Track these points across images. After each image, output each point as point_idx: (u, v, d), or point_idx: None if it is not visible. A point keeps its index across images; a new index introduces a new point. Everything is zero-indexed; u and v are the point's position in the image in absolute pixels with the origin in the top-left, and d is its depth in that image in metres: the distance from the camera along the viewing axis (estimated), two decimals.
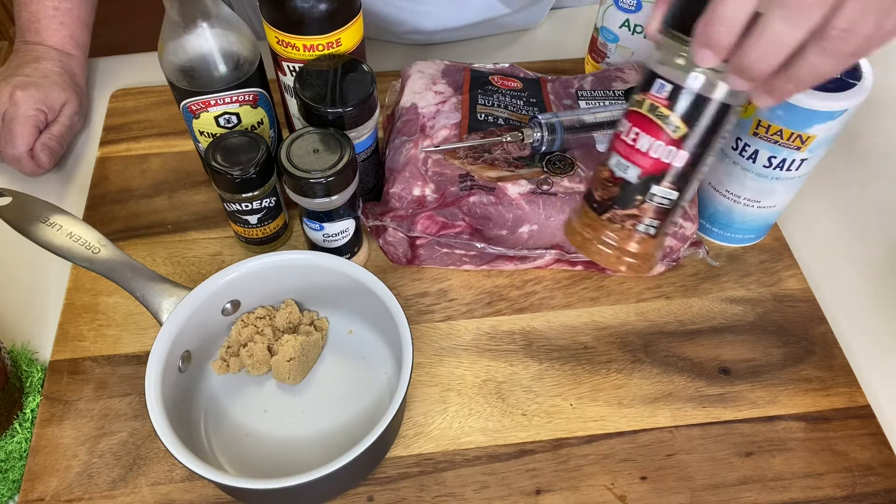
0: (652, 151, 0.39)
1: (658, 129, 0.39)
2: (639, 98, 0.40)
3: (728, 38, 0.33)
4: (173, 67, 0.52)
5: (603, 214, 0.42)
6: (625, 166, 0.40)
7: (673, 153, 0.39)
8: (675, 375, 0.54)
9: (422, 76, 0.62)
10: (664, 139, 0.39)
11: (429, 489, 0.49)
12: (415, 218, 0.55)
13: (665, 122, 0.38)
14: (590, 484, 0.49)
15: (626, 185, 0.41)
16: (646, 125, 0.39)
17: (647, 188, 0.41)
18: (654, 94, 0.39)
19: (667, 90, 0.38)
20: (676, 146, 0.39)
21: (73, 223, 0.50)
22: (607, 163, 0.42)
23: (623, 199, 0.41)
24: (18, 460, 0.50)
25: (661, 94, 0.38)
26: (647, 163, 0.40)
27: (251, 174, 0.52)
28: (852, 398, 0.54)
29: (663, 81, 0.38)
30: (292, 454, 0.49)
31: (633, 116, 0.40)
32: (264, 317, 0.53)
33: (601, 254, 0.43)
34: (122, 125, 0.70)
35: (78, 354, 0.55)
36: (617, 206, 0.42)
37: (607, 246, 0.43)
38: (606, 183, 0.42)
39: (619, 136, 0.41)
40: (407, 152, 0.57)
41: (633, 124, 0.40)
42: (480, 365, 0.55)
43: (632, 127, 0.40)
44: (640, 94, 0.40)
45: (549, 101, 0.61)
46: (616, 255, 0.43)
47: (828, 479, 0.50)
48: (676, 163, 0.39)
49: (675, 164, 0.39)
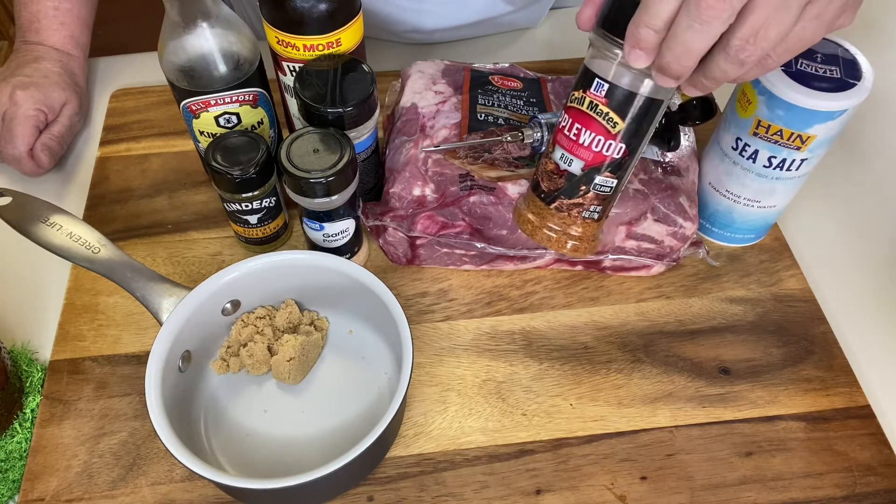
0: (593, 145, 0.43)
1: (598, 125, 0.42)
2: (578, 95, 0.43)
3: (653, 40, 0.37)
4: (173, 67, 0.52)
5: (551, 204, 0.46)
6: (569, 159, 0.44)
7: (612, 146, 0.42)
8: (675, 375, 0.54)
9: (422, 76, 0.62)
10: (604, 134, 0.42)
11: (429, 489, 0.49)
12: (415, 218, 0.55)
13: (604, 118, 0.42)
14: (590, 484, 0.49)
15: (571, 177, 0.44)
16: (586, 121, 0.42)
17: (590, 179, 0.44)
18: (593, 93, 0.42)
19: (604, 88, 0.41)
20: (614, 140, 0.42)
21: (73, 223, 0.50)
22: (551, 156, 0.45)
23: (568, 190, 0.45)
24: (18, 460, 0.50)
25: (599, 93, 0.41)
26: (589, 156, 0.43)
27: (251, 174, 0.52)
28: (852, 398, 0.54)
29: (601, 80, 0.41)
30: (292, 454, 0.49)
31: (574, 112, 0.43)
32: (264, 317, 0.53)
33: (550, 239, 0.47)
34: (122, 125, 0.70)
35: (78, 354, 0.55)
36: (563, 196, 0.45)
37: (555, 232, 0.47)
38: (552, 175, 0.45)
39: (561, 130, 0.44)
40: (407, 152, 0.57)
41: (574, 120, 0.43)
42: (480, 365, 0.55)
43: (573, 122, 0.43)
44: (579, 91, 0.43)
45: (549, 101, 0.61)
46: (563, 240, 0.47)
47: (828, 479, 0.50)
48: (615, 154, 0.43)
49: (615, 155, 0.43)
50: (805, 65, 0.50)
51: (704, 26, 0.35)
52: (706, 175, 0.59)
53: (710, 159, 0.59)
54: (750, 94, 0.52)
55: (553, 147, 0.45)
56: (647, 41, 0.37)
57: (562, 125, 0.44)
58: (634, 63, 0.38)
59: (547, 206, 0.47)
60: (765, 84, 0.50)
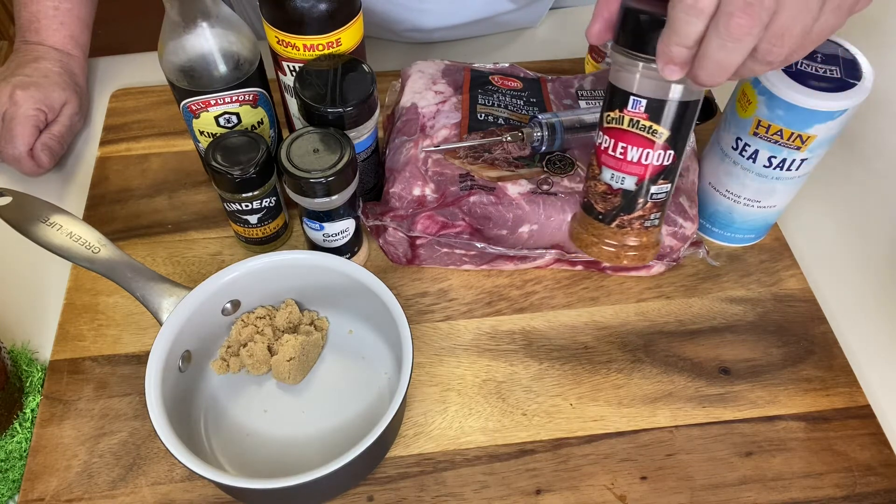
0: (643, 160, 0.43)
1: (643, 139, 0.42)
2: (615, 115, 0.43)
3: (686, 56, 0.37)
4: (173, 67, 0.52)
5: (612, 223, 0.46)
6: (620, 178, 0.44)
7: (661, 155, 0.43)
8: (675, 375, 0.54)
9: (422, 76, 0.62)
10: (650, 146, 0.42)
11: (429, 489, 0.49)
12: (415, 218, 0.55)
13: (648, 131, 0.42)
14: (590, 484, 0.49)
15: (627, 193, 0.45)
16: (630, 138, 0.43)
17: (646, 191, 0.44)
18: (630, 111, 0.42)
19: (642, 105, 0.41)
20: (662, 149, 0.42)
21: (73, 223, 0.50)
22: (599, 178, 0.45)
23: (627, 206, 0.46)
24: (18, 460, 0.50)
25: (637, 109, 0.41)
26: (642, 170, 0.44)
27: (251, 174, 0.52)
28: (852, 398, 0.54)
29: (636, 97, 0.41)
30: (292, 454, 0.49)
31: (614, 132, 0.43)
32: (264, 316, 0.53)
33: (621, 257, 0.47)
34: (122, 125, 0.70)
35: (78, 354, 0.55)
36: (623, 213, 0.45)
37: (619, 247, 0.47)
38: (606, 196, 0.45)
39: (604, 152, 0.44)
40: (407, 152, 0.57)
41: (617, 139, 0.43)
42: (480, 365, 0.55)
43: (616, 142, 0.43)
44: (615, 111, 0.43)
45: (549, 101, 0.61)
46: (630, 253, 0.47)
47: (828, 479, 0.50)
48: (666, 162, 0.43)
49: (665, 163, 0.43)
50: (805, 65, 0.50)
51: (736, 44, 0.35)
52: (706, 175, 0.59)
53: (710, 159, 0.59)
54: (750, 94, 0.52)
55: (599, 169, 0.45)
56: (679, 58, 0.37)
57: (604, 147, 0.44)
58: (669, 77, 0.38)
59: (608, 225, 0.47)
60: (765, 84, 0.50)
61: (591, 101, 0.62)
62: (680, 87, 0.41)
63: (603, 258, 0.48)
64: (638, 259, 0.48)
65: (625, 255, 0.47)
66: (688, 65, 0.37)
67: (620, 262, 0.48)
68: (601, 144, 0.45)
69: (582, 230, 0.49)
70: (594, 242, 0.48)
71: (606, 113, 0.44)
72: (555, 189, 0.55)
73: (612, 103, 0.43)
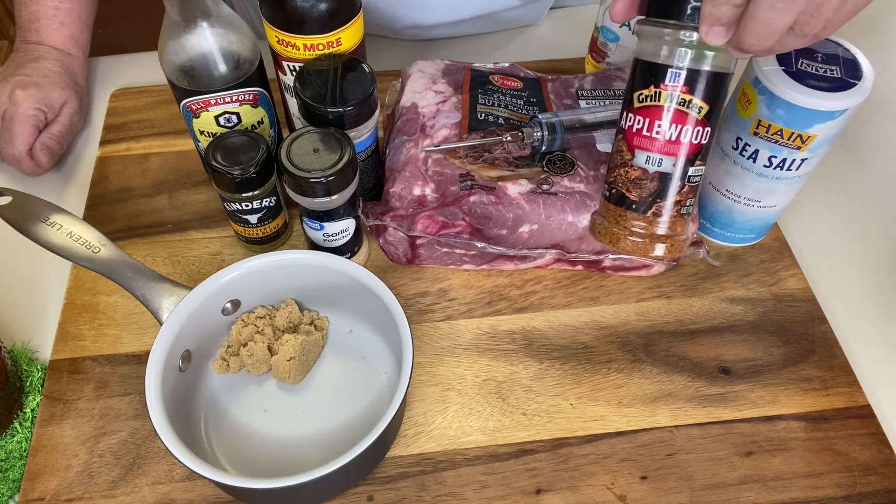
0: (683, 137, 0.41)
1: (681, 114, 0.40)
2: (649, 92, 0.41)
3: (734, 16, 0.36)
4: (173, 67, 0.52)
5: (647, 211, 0.43)
6: (657, 159, 0.42)
7: (700, 132, 0.41)
8: (675, 375, 0.54)
9: (422, 75, 0.62)
10: (690, 122, 0.40)
11: (429, 489, 0.49)
12: (415, 217, 0.55)
13: (688, 105, 0.40)
14: (590, 483, 0.49)
15: (664, 176, 0.42)
16: (667, 115, 0.40)
17: (685, 173, 0.42)
18: (669, 84, 0.40)
19: (681, 77, 0.39)
20: (702, 125, 0.40)
21: (74, 222, 0.50)
22: (632, 163, 0.43)
23: (664, 190, 0.43)
24: (18, 460, 0.50)
25: (676, 82, 0.39)
26: (681, 149, 0.41)
27: (251, 174, 0.52)
28: (852, 398, 0.54)
29: (675, 70, 0.39)
30: (292, 454, 0.49)
31: (649, 111, 0.41)
32: (264, 316, 0.53)
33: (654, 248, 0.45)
34: (122, 124, 0.70)
35: (78, 354, 0.55)
36: (660, 199, 0.43)
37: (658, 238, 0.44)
38: (641, 181, 0.43)
39: (637, 133, 0.42)
40: (407, 152, 0.57)
41: (652, 118, 0.41)
42: (480, 364, 0.55)
43: (652, 121, 0.41)
44: (648, 87, 0.41)
45: (549, 101, 0.61)
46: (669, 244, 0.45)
47: (828, 479, 0.50)
48: (704, 140, 0.41)
49: (703, 141, 0.41)
50: (805, 64, 0.50)
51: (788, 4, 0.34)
52: (706, 175, 0.59)
53: (710, 159, 0.59)
54: (750, 93, 0.52)
55: (632, 154, 0.43)
56: (727, 17, 0.36)
57: (636, 128, 0.42)
58: (714, 41, 0.36)
59: (643, 214, 0.44)
60: (765, 84, 0.50)
61: (591, 101, 0.62)
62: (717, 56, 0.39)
63: (635, 252, 0.45)
64: (674, 250, 0.45)
65: (658, 245, 0.45)
66: (734, 27, 0.36)
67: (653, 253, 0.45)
68: (631, 127, 0.42)
69: (610, 224, 0.46)
70: (624, 235, 0.45)
71: (638, 92, 0.42)
72: (555, 189, 0.55)
73: (646, 80, 0.41)
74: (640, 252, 0.45)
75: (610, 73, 0.65)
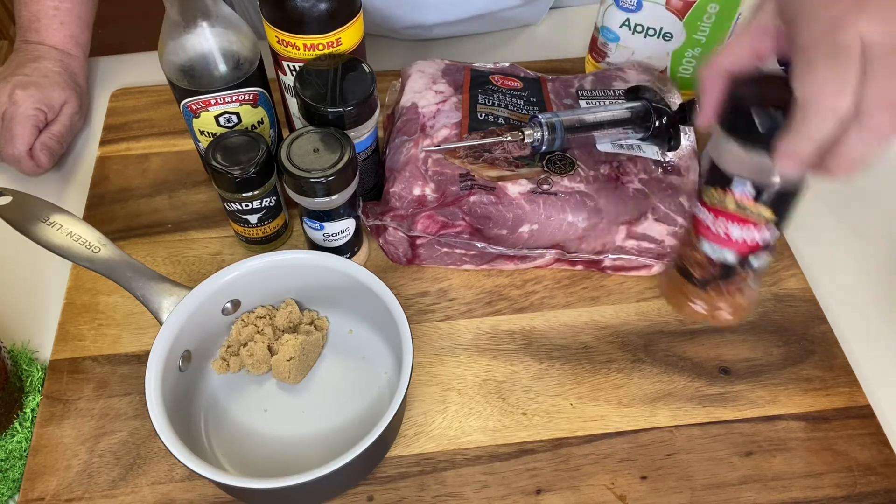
0: (747, 238, 0.41)
1: (747, 220, 0.41)
2: (717, 195, 0.41)
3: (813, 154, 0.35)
4: (173, 67, 0.52)
5: (706, 288, 0.45)
6: (721, 252, 0.43)
7: (765, 234, 0.41)
8: (675, 375, 0.54)
9: (422, 75, 0.62)
10: (755, 226, 0.41)
11: (429, 489, 0.49)
12: (415, 217, 0.55)
13: (755, 215, 0.40)
14: (590, 483, 0.49)
15: (727, 266, 0.43)
16: (734, 218, 0.41)
17: (746, 262, 0.43)
18: (737, 193, 0.40)
19: (748, 189, 0.40)
20: (767, 228, 0.41)
21: (74, 222, 0.50)
22: (698, 247, 0.44)
23: (726, 276, 0.44)
24: (18, 459, 0.50)
25: (743, 193, 0.40)
26: (744, 248, 0.42)
27: (251, 174, 0.52)
28: (852, 398, 0.54)
29: (742, 180, 0.40)
30: (292, 454, 0.49)
31: (717, 210, 0.42)
32: (264, 316, 0.53)
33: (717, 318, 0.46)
34: (122, 124, 0.70)
35: (78, 354, 0.55)
36: (721, 281, 0.44)
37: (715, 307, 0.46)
38: (704, 264, 0.44)
39: (706, 227, 0.43)
40: (407, 152, 0.57)
41: (719, 216, 0.42)
42: (480, 364, 0.55)
43: (718, 219, 0.42)
44: (717, 189, 0.41)
45: (549, 101, 0.61)
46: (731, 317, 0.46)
47: (828, 479, 0.50)
48: (770, 239, 0.42)
49: (769, 240, 0.42)
50: None
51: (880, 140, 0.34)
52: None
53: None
54: None
55: (698, 239, 0.44)
56: (808, 156, 0.35)
57: (705, 222, 0.43)
58: (788, 172, 0.37)
59: (703, 290, 0.46)
60: None
61: (591, 101, 0.62)
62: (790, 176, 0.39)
63: (697, 319, 0.48)
64: (735, 319, 0.47)
65: (721, 317, 0.46)
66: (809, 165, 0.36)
67: (716, 322, 0.47)
68: (700, 217, 0.43)
69: (675, 289, 0.48)
70: (687, 303, 0.47)
71: (707, 188, 0.42)
72: (555, 189, 0.55)
73: (714, 180, 0.41)
74: (701, 320, 0.47)
75: (610, 73, 0.65)
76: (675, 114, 0.58)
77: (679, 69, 0.69)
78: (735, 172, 0.40)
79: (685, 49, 0.67)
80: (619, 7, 0.66)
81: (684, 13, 0.64)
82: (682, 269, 0.46)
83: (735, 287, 0.45)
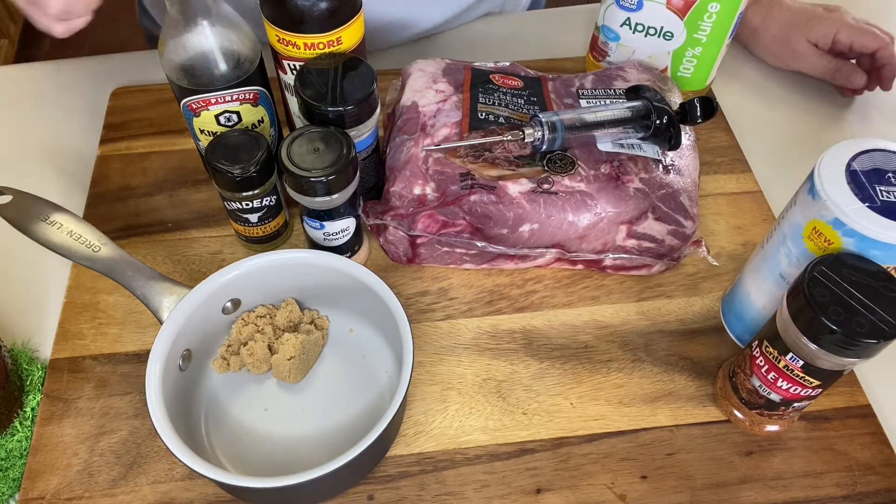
0: (792, 390, 0.46)
1: (795, 380, 0.46)
2: (774, 353, 0.46)
3: None
4: (174, 65, 0.52)
5: (752, 409, 0.50)
6: (767, 391, 0.48)
7: (809, 392, 0.46)
8: (675, 375, 0.54)
9: (422, 74, 0.62)
10: (800, 386, 0.46)
11: (429, 488, 0.49)
12: (415, 217, 0.55)
13: (801, 378, 0.45)
14: (590, 483, 0.49)
15: (771, 401, 0.48)
16: (783, 374, 0.46)
17: (789, 404, 0.48)
18: (789, 360, 0.45)
19: (799, 364, 0.44)
20: (811, 388, 0.46)
21: (74, 221, 0.50)
22: (750, 379, 0.49)
23: (769, 408, 0.49)
24: (19, 459, 0.50)
25: (795, 363, 0.45)
26: (788, 395, 0.47)
27: (251, 173, 0.52)
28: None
29: (795, 356, 0.44)
30: (292, 453, 0.49)
31: (770, 362, 0.46)
32: (265, 315, 0.53)
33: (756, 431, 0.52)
34: (122, 123, 0.70)
35: (78, 353, 0.55)
36: (765, 410, 0.49)
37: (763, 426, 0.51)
38: (752, 393, 0.49)
39: (759, 368, 0.48)
40: (407, 151, 0.57)
41: (771, 367, 0.46)
42: (481, 364, 0.55)
43: (771, 369, 0.47)
44: (774, 349, 0.46)
45: (549, 100, 0.61)
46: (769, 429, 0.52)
47: (828, 479, 0.50)
48: (812, 394, 0.47)
49: (812, 394, 0.47)
50: (884, 192, 0.44)
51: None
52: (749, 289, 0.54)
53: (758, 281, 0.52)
54: (830, 234, 0.45)
55: (751, 373, 0.48)
56: None
57: (760, 365, 0.47)
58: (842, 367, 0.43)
59: (749, 409, 0.50)
60: (852, 226, 0.43)
61: (591, 100, 0.62)
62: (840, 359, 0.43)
63: (739, 426, 0.52)
64: (772, 434, 0.52)
65: (758, 431, 0.51)
66: None
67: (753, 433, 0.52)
68: (757, 359, 0.47)
69: (725, 396, 0.52)
70: (732, 412, 0.52)
71: (766, 343, 0.46)
72: (555, 188, 0.55)
73: (774, 342, 0.46)
74: (742, 427, 0.52)
75: (611, 73, 0.65)
76: (675, 113, 0.58)
77: (680, 68, 0.69)
78: (792, 350, 0.44)
79: (686, 48, 0.67)
80: (620, 6, 0.66)
81: (685, 12, 0.64)
82: (734, 385, 0.51)
83: (777, 416, 0.50)
